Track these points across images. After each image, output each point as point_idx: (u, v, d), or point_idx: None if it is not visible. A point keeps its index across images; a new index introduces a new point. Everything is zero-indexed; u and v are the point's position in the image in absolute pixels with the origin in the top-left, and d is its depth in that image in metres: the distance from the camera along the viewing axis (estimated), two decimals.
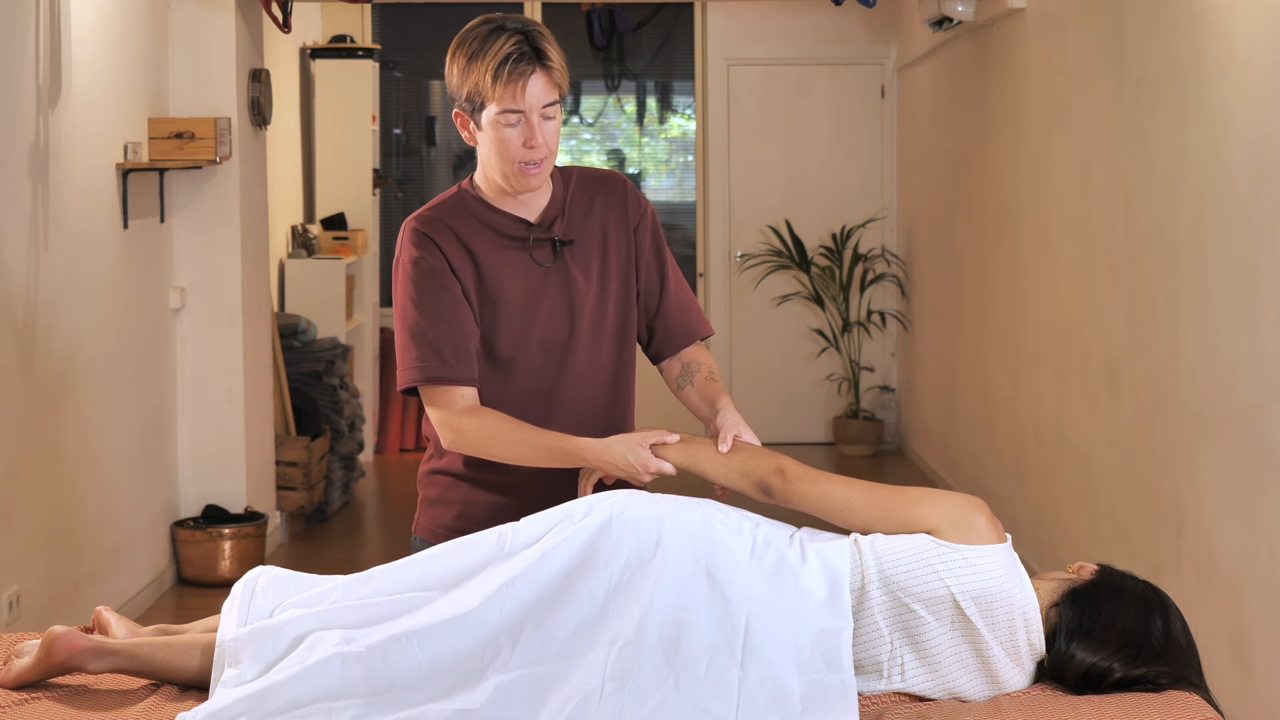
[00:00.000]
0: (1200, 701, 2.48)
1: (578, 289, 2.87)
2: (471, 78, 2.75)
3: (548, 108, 2.75)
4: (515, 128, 2.74)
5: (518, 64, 2.71)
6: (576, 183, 2.94)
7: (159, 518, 6.22)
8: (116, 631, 2.72)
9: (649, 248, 2.96)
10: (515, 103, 2.72)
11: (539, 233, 2.87)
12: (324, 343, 7.69)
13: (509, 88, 2.71)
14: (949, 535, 2.52)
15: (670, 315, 2.98)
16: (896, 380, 9.52)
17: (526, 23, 2.78)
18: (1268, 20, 3.92)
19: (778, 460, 2.67)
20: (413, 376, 2.81)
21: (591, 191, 2.94)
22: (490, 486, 2.88)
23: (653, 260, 2.97)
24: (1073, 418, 5.65)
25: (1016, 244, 6.45)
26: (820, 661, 2.47)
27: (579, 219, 2.90)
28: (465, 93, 2.77)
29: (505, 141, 2.75)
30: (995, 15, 6.57)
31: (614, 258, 2.92)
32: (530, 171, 2.78)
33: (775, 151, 9.58)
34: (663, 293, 2.97)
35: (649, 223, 2.97)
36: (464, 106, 2.80)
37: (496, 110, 2.74)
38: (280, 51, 8.07)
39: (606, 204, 2.94)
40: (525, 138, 2.75)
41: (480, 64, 2.73)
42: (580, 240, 2.89)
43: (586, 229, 2.90)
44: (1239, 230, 4.09)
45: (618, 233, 2.93)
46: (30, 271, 4.90)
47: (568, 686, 2.41)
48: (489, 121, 2.76)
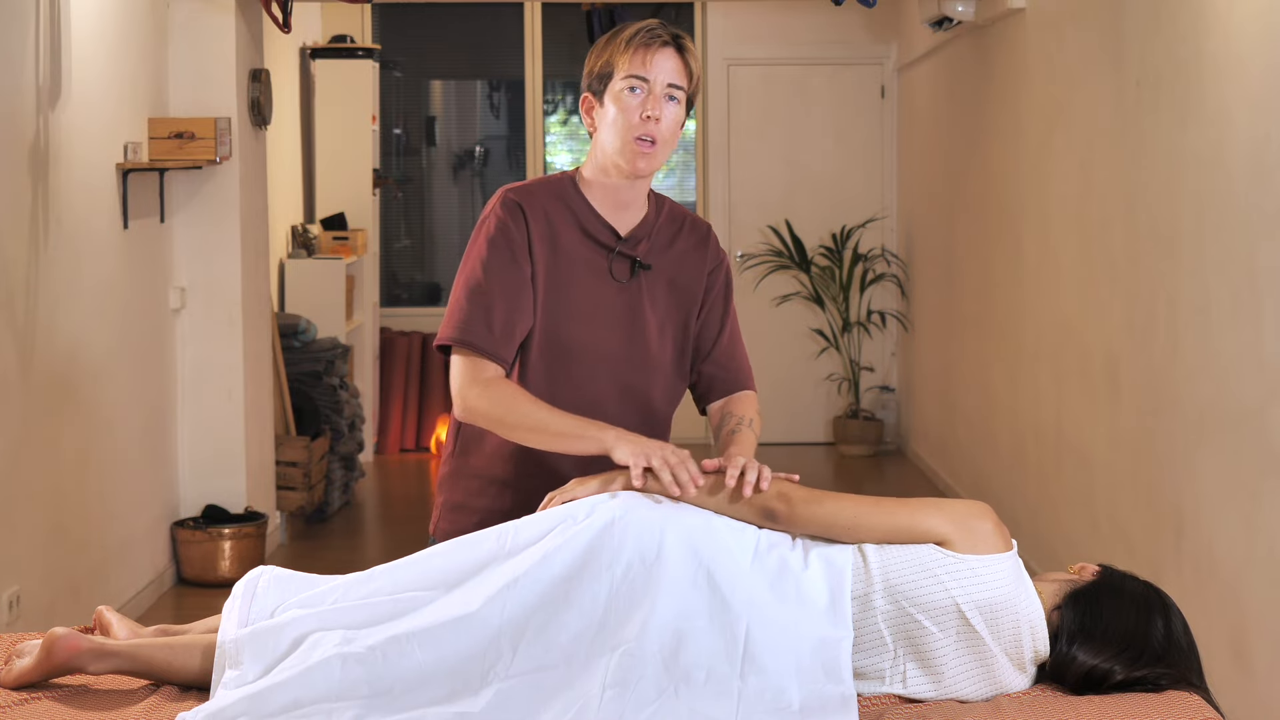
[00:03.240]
0: (1200, 702, 2.48)
1: (643, 315, 2.87)
2: (605, 53, 2.82)
3: (672, 88, 2.78)
4: (636, 96, 2.78)
5: (652, 36, 2.78)
6: (667, 214, 2.95)
7: (159, 518, 6.22)
8: (118, 632, 2.72)
9: (717, 296, 2.97)
10: (643, 69, 2.77)
11: (625, 247, 2.87)
12: (324, 343, 7.69)
13: (639, 54, 2.77)
14: (957, 545, 2.52)
15: (717, 362, 2.97)
16: (896, 380, 9.52)
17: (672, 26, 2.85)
18: (1268, 20, 3.92)
19: (778, 485, 2.62)
20: (452, 334, 2.79)
21: (678, 226, 2.96)
22: (517, 491, 2.85)
23: (717, 306, 2.97)
24: (1073, 418, 5.65)
25: (1016, 244, 6.45)
26: (820, 672, 2.46)
27: (660, 247, 2.91)
28: (596, 69, 2.83)
29: (626, 110, 2.78)
30: (995, 15, 6.57)
31: (682, 297, 2.92)
32: (644, 148, 2.79)
33: (775, 151, 9.58)
34: (717, 341, 2.97)
35: (722, 273, 2.99)
36: (592, 87, 2.84)
37: (622, 76, 2.78)
38: (280, 51, 8.07)
39: (688, 243, 2.95)
40: (645, 108, 2.77)
41: (617, 39, 2.81)
42: (656, 269, 2.90)
43: (665, 260, 2.91)
44: (1238, 230, 4.09)
45: (692, 274, 2.94)
46: (30, 271, 4.90)
47: (568, 693, 2.40)
48: (613, 94, 2.80)
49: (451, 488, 2.95)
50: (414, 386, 9.41)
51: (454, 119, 10.17)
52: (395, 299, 9.84)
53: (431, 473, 8.94)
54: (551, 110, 9.90)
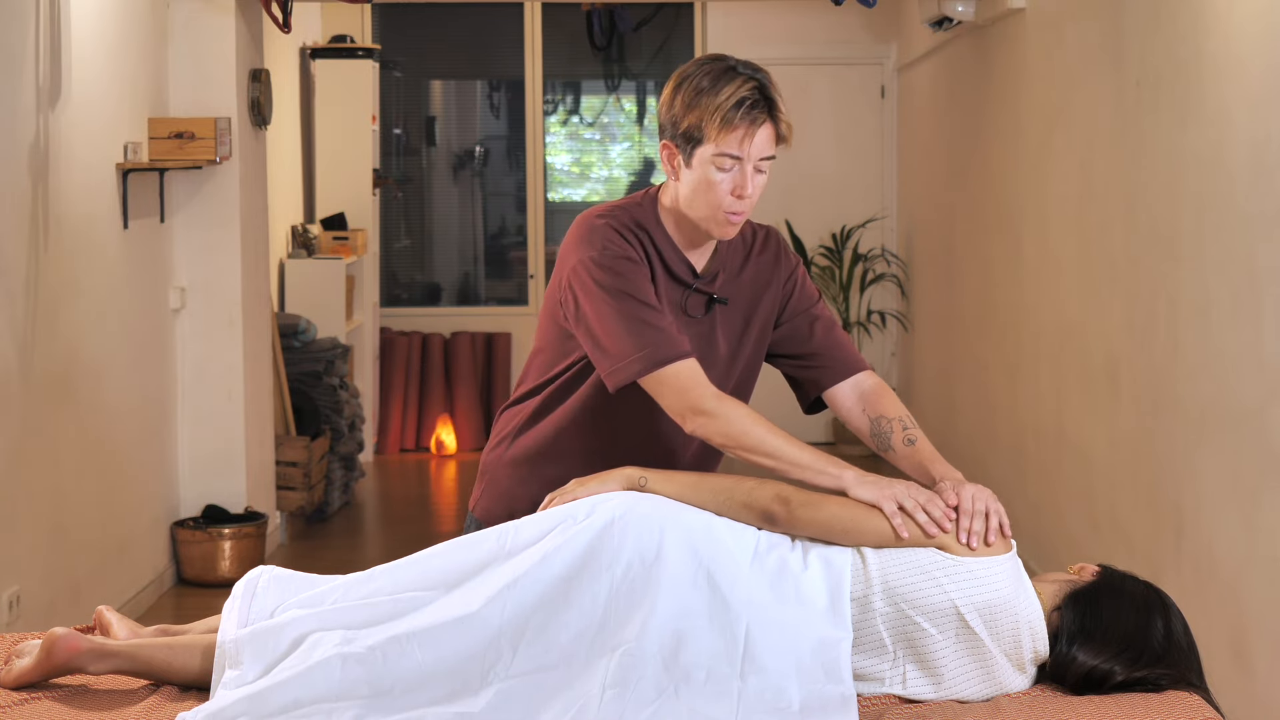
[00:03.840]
0: (1200, 702, 2.48)
1: (714, 349, 2.82)
2: (695, 113, 2.65)
3: (764, 160, 2.69)
4: (728, 173, 2.67)
5: (751, 110, 2.63)
6: (737, 236, 2.87)
7: (159, 518, 6.22)
8: (118, 632, 2.72)
9: (796, 299, 2.90)
10: (737, 149, 2.65)
11: (701, 284, 2.81)
12: (324, 343, 7.69)
13: (736, 132, 2.63)
14: (955, 548, 2.52)
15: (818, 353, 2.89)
16: (896, 380, 9.52)
17: (758, 69, 2.69)
18: (1268, 20, 3.92)
19: (777, 488, 2.61)
20: (642, 369, 2.65)
21: (748, 249, 2.89)
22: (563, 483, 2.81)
23: (800, 309, 2.90)
24: (1073, 418, 5.65)
25: (1016, 244, 6.45)
26: (820, 672, 2.46)
27: (733, 276, 2.85)
28: (684, 127, 2.67)
29: (713, 185, 2.67)
30: (995, 15, 6.57)
31: (760, 318, 2.87)
32: (733, 219, 2.71)
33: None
34: (811, 335, 2.89)
35: (800, 275, 2.92)
36: (677, 140, 2.70)
37: (714, 151, 2.65)
38: (280, 51, 8.07)
39: (760, 263, 2.88)
40: (736, 186, 2.68)
41: (710, 101, 2.64)
42: (732, 300, 2.84)
43: (738, 286, 2.85)
44: (1238, 230, 4.09)
45: (768, 292, 2.88)
46: (30, 271, 4.90)
47: (567, 693, 2.40)
48: (701, 160, 2.67)
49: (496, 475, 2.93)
50: (414, 386, 9.41)
51: (454, 119, 10.17)
52: (395, 299, 9.84)
53: (432, 472, 8.94)
54: (551, 110, 9.90)
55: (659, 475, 2.64)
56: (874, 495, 2.56)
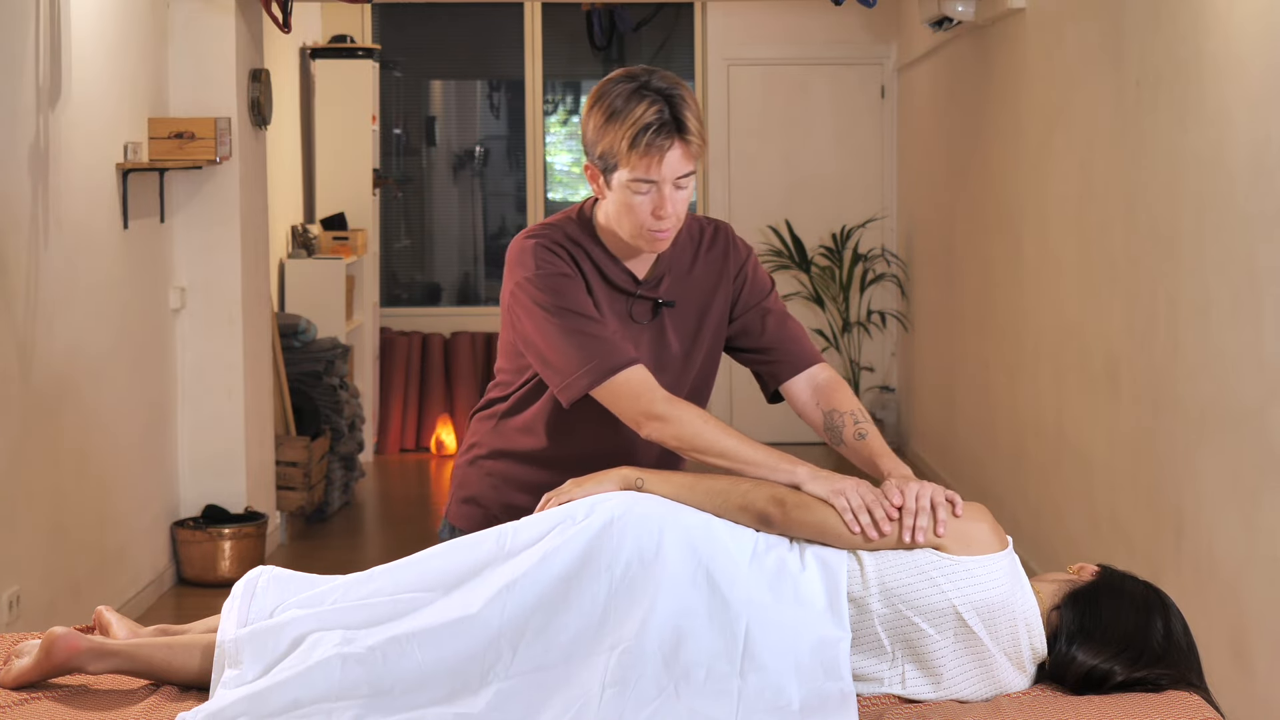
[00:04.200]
0: (1200, 702, 2.48)
1: (668, 350, 2.84)
2: (607, 138, 2.67)
3: (682, 179, 2.69)
4: (646, 195, 2.68)
5: (657, 135, 2.63)
6: (685, 235, 2.87)
7: (159, 518, 6.22)
8: (117, 632, 2.72)
9: (748, 292, 2.91)
10: (650, 173, 2.66)
11: (645, 290, 2.83)
12: (324, 343, 7.69)
13: (645, 158, 2.65)
14: (952, 547, 2.51)
15: (772, 346, 2.91)
16: (896, 380, 9.52)
17: (669, 86, 2.68)
18: (1268, 20, 3.92)
19: (772, 489, 2.61)
20: (593, 381, 2.69)
21: (696, 247, 2.89)
22: (540, 490, 2.82)
23: (752, 302, 2.91)
24: (1073, 418, 5.65)
25: (1016, 244, 6.45)
26: (819, 671, 2.46)
27: (681, 277, 2.86)
28: (599, 152, 2.70)
29: (634, 207, 2.69)
30: (995, 15, 6.57)
31: (712, 316, 2.88)
32: (659, 236, 2.72)
33: (775, 151, 9.58)
34: (764, 329, 2.90)
35: (750, 268, 2.93)
36: (595, 162, 2.73)
37: (628, 177, 2.67)
38: (280, 51, 8.07)
39: (709, 259, 2.89)
40: (655, 206, 2.69)
41: (619, 126, 2.66)
42: (681, 300, 2.85)
43: (687, 287, 2.86)
44: (1238, 230, 4.09)
45: (719, 289, 2.89)
46: (30, 271, 4.90)
47: (567, 692, 2.41)
48: (619, 184, 2.70)
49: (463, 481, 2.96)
50: (414, 386, 9.41)
51: (454, 119, 10.17)
52: (395, 299, 9.84)
53: (431, 472, 8.94)
54: (551, 110, 9.90)
55: (656, 476, 2.65)
56: (825, 491, 2.58)
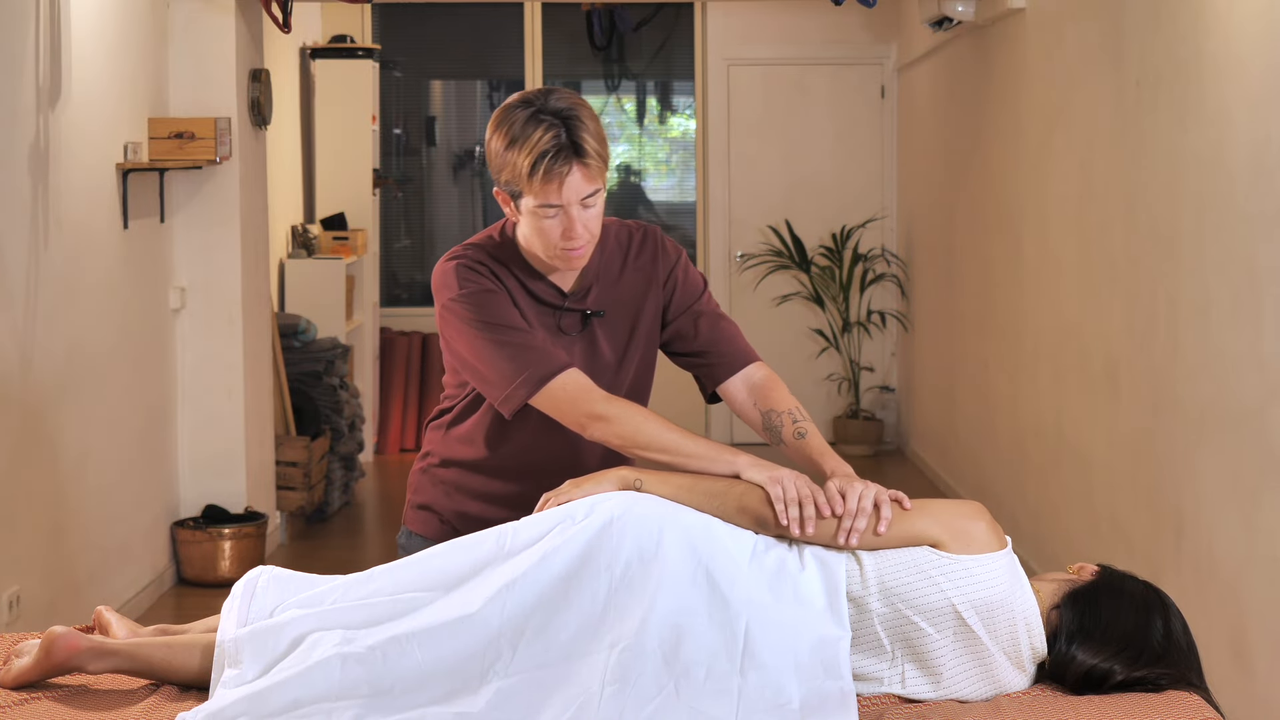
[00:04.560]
0: (1200, 702, 2.48)
1: (600, 359, 2.85)
2: (509, 166, 2.67)
3: (588, 197, 2.68)
4: (554, 219, 2.68)
5: (554, 161, 2.63)
6: (613, 243, 2.89)
7: (159, 518, 6.22)
8: (117, 632, 2.72)
9: (680, 296, 2.92)
10: (553, 199, 2.66)
11: (573, 302, 2.84)
12: (324, 343, 7.69)
13: (546, 184, 2.64)
14: (950, 546, 2.52)
15: (707, 348, 2.91)
16: (896, 380, 9.52)
17: (566, 107, 2.67)
18: (1268, 20, 3.92)
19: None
20: (530, 390, 2.71)
21: (625, 254, 2.90)
22: (488, 498, 2.87)
23: (684, 306, 2.92)
24: (1073, 418, 5.65)
25: (1016, 244, 6.45)
26: (819, 669, 2.46)
27: (611, 284, 2.87)
28: (503, 179, 2.70)
29: (544, 231, 2.70)
30: (995, 15, 6.57)
31: (644, 322, 2.89)
32: (573, 254, 2.73)
33: (775, 151, 9.58)
34: (697, 332, 2.91)
35: (680, 271, 2.93)
36: (503, 189, 2.73)
37: (534, 203, 2.68)
38: (280, 51, 8.07)
39: (638, 265, 2.90)
40: (564, 229, 2.69)
41: (517, 154, 2.65)
42: (611, 309, 2.86)
43: (617, 296, 2.87)
44: (1239, 230, 4.09)
45: (649, 294, 2.90)
46: (30, 271, 4.90)
47: (568, 690, 2.41)
48: (526, 210, 2.70)
49: (419, 488, 2.99)
50: (414, 386, 9.41)
51: (454, 119, 10.17)
52: (395, 299, 9.84)
53: None
54: None
55: (654, 476, 2.65)
56: (764, 478, 2.60)
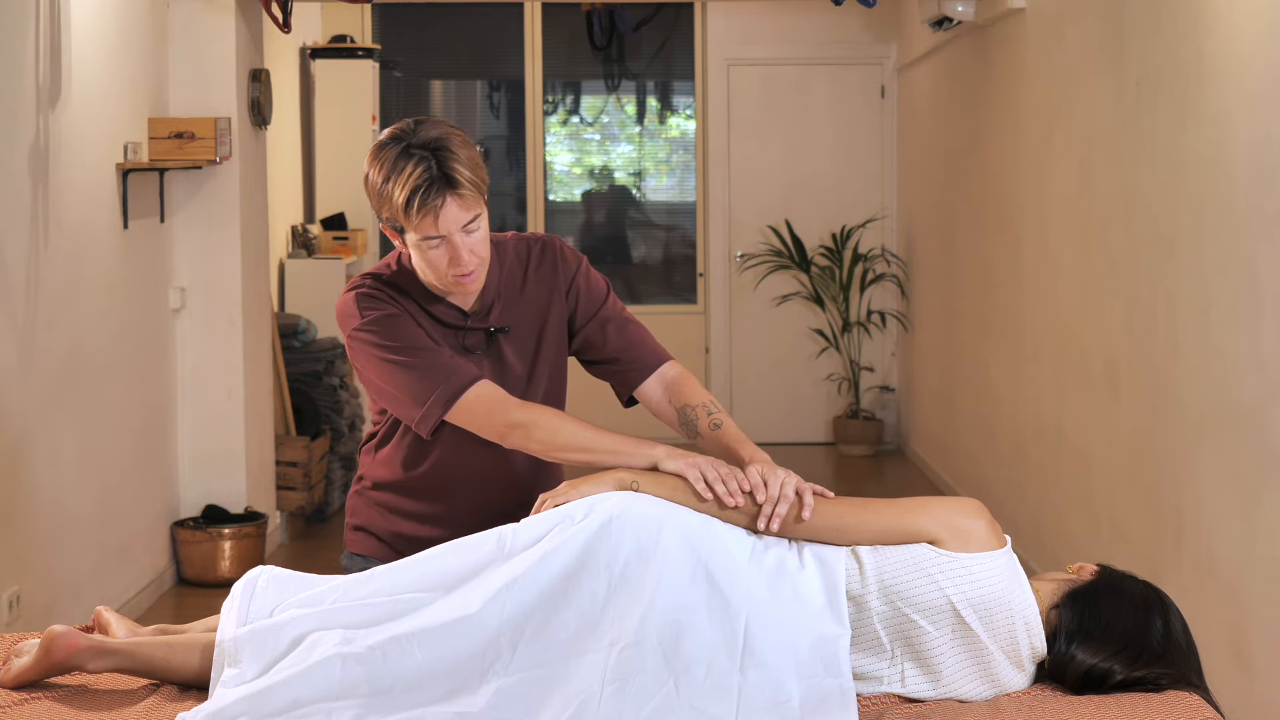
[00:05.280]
0: (1200, 702, 2.48)
1: (510, 374, 2.87)
2: (386, 204, 2.68)
3: (469, 224, 2.69)
4: (438, 249, 2.70)
5: (427, 196, 2.64)
6: (512, 257, 2.90)
7: (159, 518, 6.22)
8: (116, 631, 2.72)
9: (583, 304, 2.93)
10: (433, 231, 2.67)
11: (475, 321, 2.86)
12: (324, 343, 7.69)
13: (423, 219, 2.66)
14: (949, 544, 2.52)
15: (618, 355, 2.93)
16: (896, 380, 9.52)
17: (435, 137, 2.67)
18: (1268, 20, 3.92)
19: None
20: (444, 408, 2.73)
21: (525, 267, 2.92)
22: (419, 518, 2.91)
23: (589, 314, 2.93)
24: (1073, 418, 5.65)
25: (1016, 244, 6.45)
26: (819, 667, 2.47)
27: (513, 301, 2.89)
28: (384, 215, 2.72)
29: (432, 262, 2.72)
30: (995, 15, 6.57)
31: (550, 333, 2.91)
32: (464, 281, 2.74)
33: (775, 151, 9.58)
34: (605, 339, 2.93)
35: (582, 280, 2.94)
36: (385, 224, 2.75)
37: (416, 238, 2.70)
38: (280, 51, 8.07)
39: (538, 278, 2.91)
40: (450, 258, 2.71)
41: (391, 189, 2.66)
42: (516, 323, 2.88)
43: (520, 310, 2.89)
44: (1238, 230, 4.09)
45: (552, 305, 2.91)
46: (30, 271, 4.90)
47: (568, 688, 2.41)
48: (411, 244, 2.73)
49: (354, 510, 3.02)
50: None
51: (454, 119, 10.17)
52: None
53: None
54: (551, 110, 9.90)
55: (650, 478, 2.66)
56: (680, 466, 2.63)
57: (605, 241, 10.03)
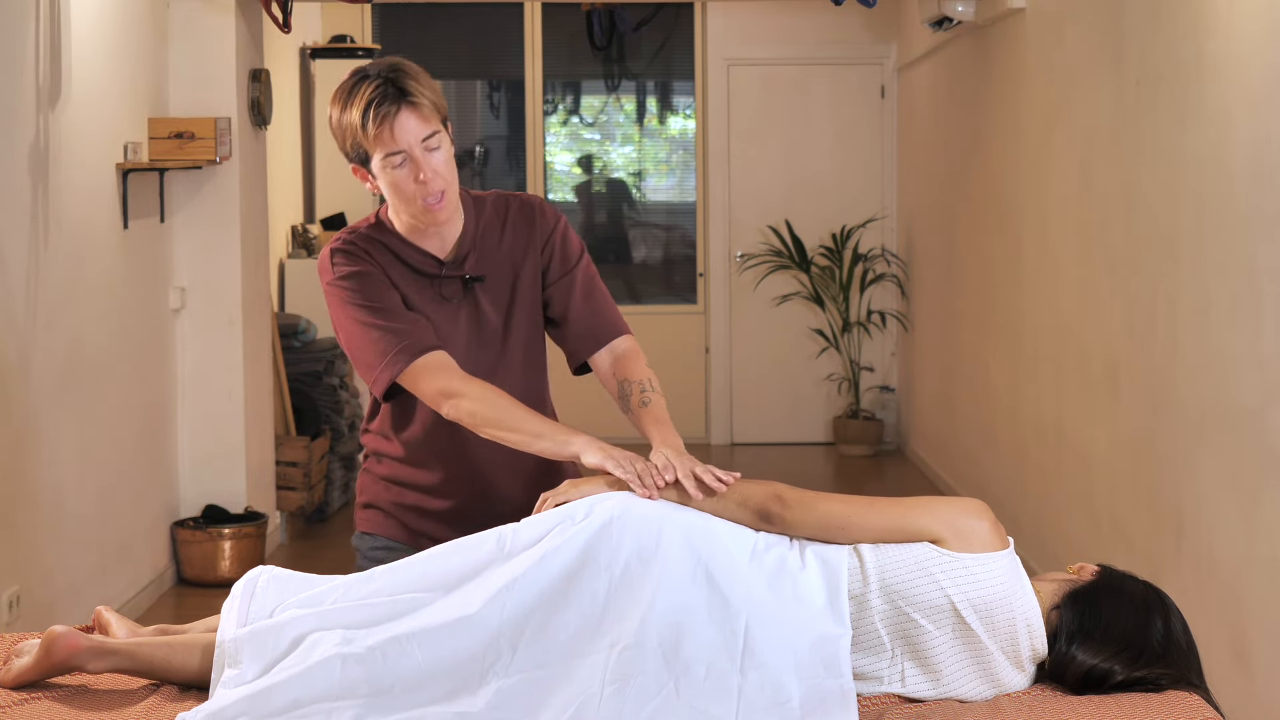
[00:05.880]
0: (1200, 702, 2.48)
1: (487, 322, 2.90)
2: (347, 131, 2.78)
3: (428, 139, 2.76)
4: (403, 168, 2.76)
5: (380, 106, 2.73)
6: (490, 210, 2.95)
7: (159, 518, 6.22)
8: (116, 631, 2.72)
9: (556, 262, 2.96)
10: (393, 145, 2.74)
11: (450, 269, 2.89)
12: (324, 343, 7.69)
13: (380, 131, 2.74)
14: (952, 544, 2.52)
15: (579, 320, 2.96)
16: (896, 380, 9.52)
17: (390, 65, 2.79)
18: (1268, 20, 3.92)
19: (773, 487, 2.63)
20: (395, 370, 2.78)
21: (504, 219, 2.96)
22: (418, 488, 2.94)
23: (559, 273, 2.96)
24: (1073, 418, 5.65)
25: (1016, 244, 6.45)
26: (819, 667, 2.47)
27: (490, 250, 2.92)
28: (349, 146, 2.80)
29: (398, 184, 2.78)
30: (995, 15, 6.57)
31: (525, 285, 2.94)
32: (434, 206, 2.80)
33: (775, 151, 9.58)
34: (569, 302, 2.96)
35: (558, 237, 2.97)
36: (354, 160, 2.82)
37: (379, 158, 2.76)
38: (280, 51, 8.07)
39: (517, 230, 2.95)
40: (414, 174, 2.76)
41: (349, 114, 2.77)
42: (491, 273, 2.91)
43: (497, 260, 2.92)
44: (1238, 230, 4.09)
45: (527, 258, 2.94)
46: (30, 271, 4.90)
47: (568, 689, 2.41)
48: (378, 169, 2.78)
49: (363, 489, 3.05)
50: None
51: (454, 119, 10.15)
52: None
53: None
54: (551, 110, 9.90)
55: None
56: (599, 460, 2.66)
57: (605, 241, 10.03)
